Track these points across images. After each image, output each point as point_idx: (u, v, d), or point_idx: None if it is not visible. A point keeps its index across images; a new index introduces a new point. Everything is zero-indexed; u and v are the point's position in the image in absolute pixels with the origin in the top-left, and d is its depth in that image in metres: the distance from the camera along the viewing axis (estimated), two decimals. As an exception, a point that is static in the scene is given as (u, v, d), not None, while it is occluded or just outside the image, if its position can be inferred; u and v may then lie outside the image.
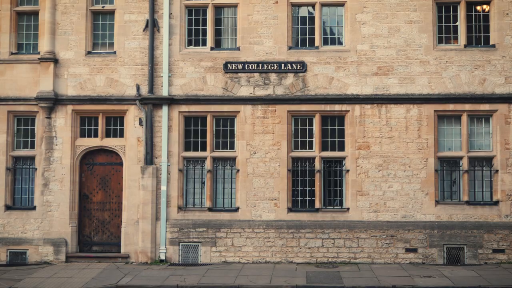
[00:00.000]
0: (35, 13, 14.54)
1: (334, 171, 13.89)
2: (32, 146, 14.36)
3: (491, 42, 13.76)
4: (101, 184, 14.30)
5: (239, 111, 13.92)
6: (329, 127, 13.91)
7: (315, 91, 13.83)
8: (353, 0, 13.84)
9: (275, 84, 13.90)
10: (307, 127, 13.98)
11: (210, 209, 13.85)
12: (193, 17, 14.32)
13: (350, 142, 13.71)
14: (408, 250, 13.35)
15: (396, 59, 13.73)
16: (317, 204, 13.71)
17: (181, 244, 13.73)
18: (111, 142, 14.22)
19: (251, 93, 13.92)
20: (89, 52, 14.31)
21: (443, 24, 13.93)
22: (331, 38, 14.14)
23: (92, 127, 14.32)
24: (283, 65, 13.86)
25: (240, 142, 13.90)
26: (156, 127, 13.96)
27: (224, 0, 14.20)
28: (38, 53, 14.32)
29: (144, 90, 14.02)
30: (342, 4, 14.00)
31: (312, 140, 13.91)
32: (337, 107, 13.79)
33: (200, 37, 14.27)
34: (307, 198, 13.86)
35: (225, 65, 13.94)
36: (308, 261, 13.47)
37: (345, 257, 13.44)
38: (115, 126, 14.32)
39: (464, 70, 13.63)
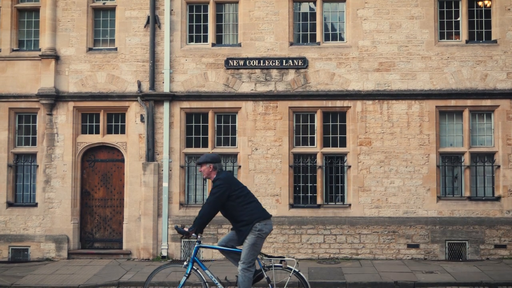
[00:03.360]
0: (36, 10, 14.52)
1: (335, 167, 13.89)
2: (34, 143, 14.35)
3: (493, 38, 13.73)
4: (102, 181, 14.30)
5: (240, 108, 13.91)
6: (330, 123, 13.90)
7: (316, 87, 13.81)
8: (354, -4, 13.85)
9: (276, 80, 13.89)
10: (309, 123, 13.97)
11: (211, 206, 13.83)
12: (194, 13, 14.30)
13: (352, 138, 13.69)
14: (410, 246, 13.34)
15: (397, 55, 13.70)
16: (319, 200, 13.71)
17: (182, 240, 13.73)
18: (112, 139, 14.21)
19: (252, 89, 13.90)
20: (90, 49, 14.30)
21: (445, 20, 13.89)
22: (332, 34, 14.12)
23: (94, 123, 14.31)
24: (284, 61, 13.84)
25: (242, 138, 13.89)
26: (158, 123, 13.94)
27: (225, -4, 14.23)
28: (39, 50, 14.28)
29: (146, 87, 14.01)
30: (343, 0, 13.98)
31: (314, 136, 13.90)
32: (338, 103, 13.78)
33: (201, 34, 14.25)
34: (309, 194, 13.85)
35: (227, 61, 13.92)
36: (310, 257, 13.47)
37: (347, 253, 13.44)
38: (116, 123, 14.31)
39: (465, 66, 13.61)
